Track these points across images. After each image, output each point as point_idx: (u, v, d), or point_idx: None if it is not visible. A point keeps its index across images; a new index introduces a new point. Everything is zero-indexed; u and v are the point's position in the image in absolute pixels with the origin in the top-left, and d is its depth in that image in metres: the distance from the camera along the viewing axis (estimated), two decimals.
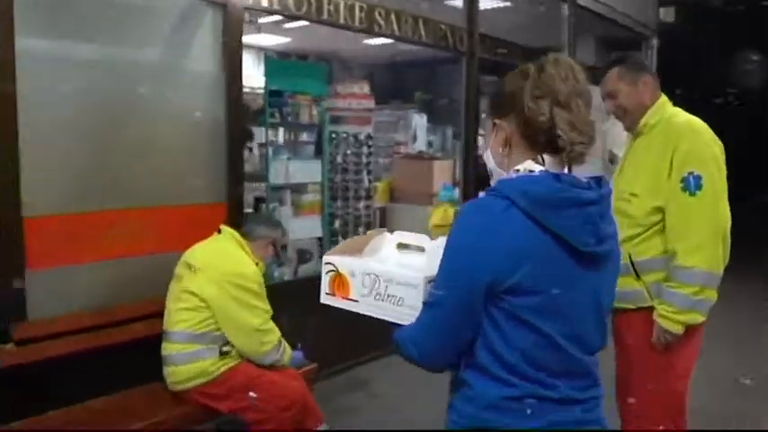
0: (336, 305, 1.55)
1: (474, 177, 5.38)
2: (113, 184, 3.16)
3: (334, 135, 4.58)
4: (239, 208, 3.62)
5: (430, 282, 1.36)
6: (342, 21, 4.10)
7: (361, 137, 4.66)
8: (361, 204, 4.72)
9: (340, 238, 4.60)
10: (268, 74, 4.17)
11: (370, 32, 4.37)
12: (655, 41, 9.37)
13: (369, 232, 1.67)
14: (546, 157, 1.32)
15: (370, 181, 4.74)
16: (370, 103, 4.72)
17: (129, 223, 3.18)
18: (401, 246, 1.58)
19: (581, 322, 1.31)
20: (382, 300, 1.44)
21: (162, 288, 3.09)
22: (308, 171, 4.49)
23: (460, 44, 5.12)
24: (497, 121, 1.38)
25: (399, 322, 1.40)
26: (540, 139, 1.31)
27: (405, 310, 1.40)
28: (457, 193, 5.12)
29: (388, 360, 4.47)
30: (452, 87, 5.38)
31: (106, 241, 3.11)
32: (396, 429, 3.51)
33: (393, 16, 4.44)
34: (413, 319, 1.37)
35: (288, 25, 6.83)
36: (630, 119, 2.45)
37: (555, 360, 1.28)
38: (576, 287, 1.29)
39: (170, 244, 3.25)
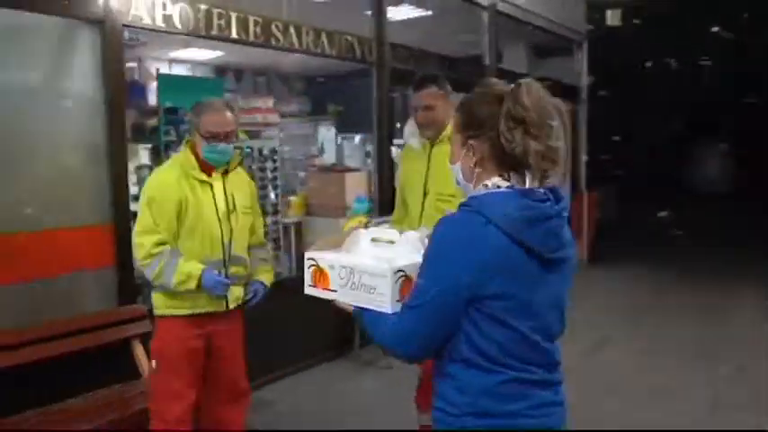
0: (319, 296, 1.77)
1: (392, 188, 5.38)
2: None
3: (237, 149, 4.53)
4: (128, 228, 3.54)
5: (398, 271, 1.57)
6: (234, 35, 4.06)
7: (266, 151, 4.63)
8: (269, 220, 4.67)
9: None
10: (161, 91, 4.10)
11: (267, 46, 4.32)
12: (585, 46, 9.54)
13: (344, 229, 2.13)
14: (512, 174, 1.47)
15: (277, 195, 4.70)
16: (275, 117, 4.70)
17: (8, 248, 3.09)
18: (375, 240, 1.76)
19: (546, 316, 1.49)
20: (357, 289, 1.65)
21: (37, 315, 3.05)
22: None
23: (369, 54, 5.12)
24: (471, 142, 1.49)
25: (372, 307, 1.61)
26: (509, 161, 1.45)
27: (376, 297, 1.61)
28: (369, 204, 5.10)
29: (296, 378, 4.48)
30: (366, 98, 5.35)
31: None
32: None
33: (292, 29, 4.41)
34: (385, 304, 1.58)
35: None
36: (436, 129, 2.95)
37: (527, 350, 1.45)
38: (542, 289, 1.47)
39: (44, 269, 3.19)
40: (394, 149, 5.38)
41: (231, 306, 2.77)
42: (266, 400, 4.17)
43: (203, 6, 3.86)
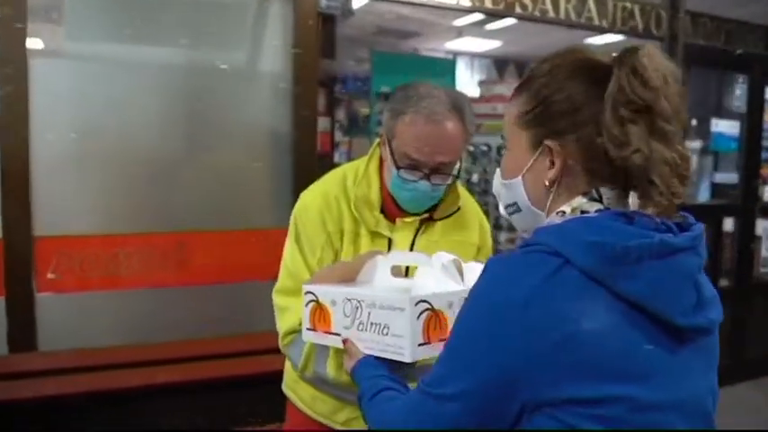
0: (318, 342, 1.32)
1: None
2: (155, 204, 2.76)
3: (471, 148, 3.69)
4: None
5: (419, 302, 1.12)
6: (465, 2, 3.22)
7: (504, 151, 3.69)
8: (503, 237, 3.74)
9: None
10: (375, 73, 3.44)
11: (510, 15, 3.40)
12: None
13: (359, 255, 1.41)
14: (604, 189, 0.91)
15: None
16: None
17: (170, 249, 2.75)
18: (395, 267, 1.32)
19: (680, 427, 0.87)
20: (366, 330, 1.19)
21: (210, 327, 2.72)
22: None
23: (657, 27, 3.85)
24: (550, 143, 0.93)
25: (387, 355, 1.16)
26: (612, 176, 0.90)
27: (389, 339, 1.15)
28: None
29: None
30: None
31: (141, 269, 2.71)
32: None
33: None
34: (404, 350, 1.13)
35: (489, 27, 6.14)
36: None
37: None
38: (671, 382, 0.85)
39: (221, 274, 2.82)
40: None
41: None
42: None
43: None
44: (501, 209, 1.06)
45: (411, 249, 1.56)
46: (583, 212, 0.93)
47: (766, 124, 4.58)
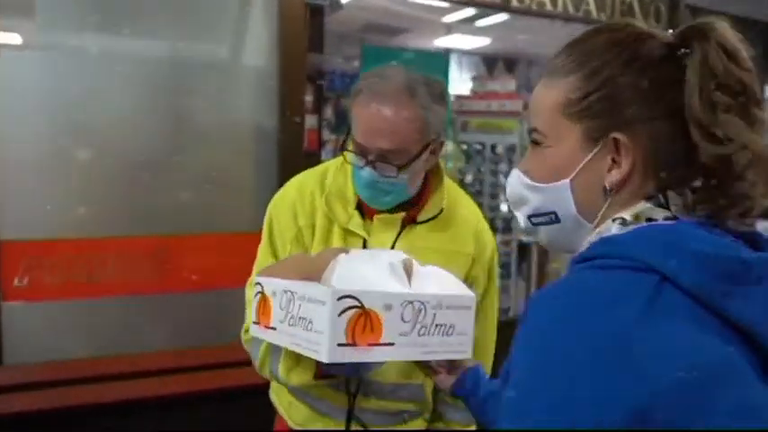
0: (263, 337, 1.21)
1: None
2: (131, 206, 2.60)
3: (464, 146, 3.55)
4: None
5: (344, 297, 0.98)
6: None
7: (499, 149, 3.54)
8: (498, 238, 3.61)
9: None
10: (365, 67, 3.30)
11: (507, 10, 3.30)
12: None
13: (322, 251, 1.27)
14: (671, 193, 0.76)
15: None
16: (517, 105, 3.58)
17: (148, 253, 2.60)
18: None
19: None
20: (295, 324, 1.08)
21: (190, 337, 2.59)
22: None
23: (656, 21, 3.76)
24: (617, 135, 0.75)
25: (308, 353, 1.05)
26: (684, 172, 0.75)
27: (311, 335, 1.03)
28: None
29: None
30: None
31: (116, 274, 2.56)
32: None
33: None
34: (321, 347, 1.00)
35: (479, 24, 6.04)
36: None
37: None
38: None
39: (202, 280, 2.68)
40: None
41: None
42: None
43: None
44: (521, 219, 0.88)
45: (392, 248, 1.40)
46: (649, 220, 0.76)
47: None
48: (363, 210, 1.41)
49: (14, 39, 2.41)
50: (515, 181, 0.87)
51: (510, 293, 3.72)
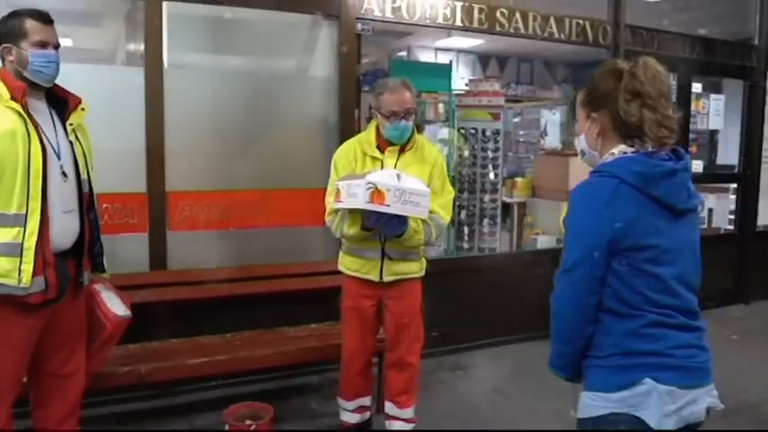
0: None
1: None
2: (243, 169, 3.91)
3: (462, 130, 4.88)
4: None
5: (368, 183, 2.53)
6: (458, 23, 4.39)
7: (488, 132, 4.88)
8: (487, 197, 4.93)
9: (465, 228, 4.90)
10: (393, 75, 4.60)
11: (491, 32, 4.56)
12: None
13: (364, 171, 2.86)
14: (635, 141, 1.62)
15: (496, 175, 4.93)
16: (500, 101, 4.92)
17: (253, 201, 3.90)
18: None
19: (684, 265, 1.63)
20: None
21: (282, 256, 3.85)
22: None
23: (604, 38, 5.01)
24: (593, 114, 1.68)
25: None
26: (630, 132, 1.61)
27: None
28: None
29: (495, 350, 4.67)
30: None
31: (236, 214, 3.86)
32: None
33: (517, 15, 4.58)
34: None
35: None
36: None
37: (667, 297, 1.58)
38: (676, 238, 1.61)
39: (290, 219, 3.96)
40: None
41: (386, 279, 3.02)
42: (464, 364, 4.50)
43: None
44: (579, 156, 1.80)
45: (395, 167, 2.96)
46: (624, 153, 1.61)
47: (693, 112, 5.80)
48: (380, 147, 2.98)
49: (175, 59, 3.69)
50: (576, 140, 1.83)
51: (495, 237, 5.07)
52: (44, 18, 2.37)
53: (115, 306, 2.62)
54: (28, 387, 2.57)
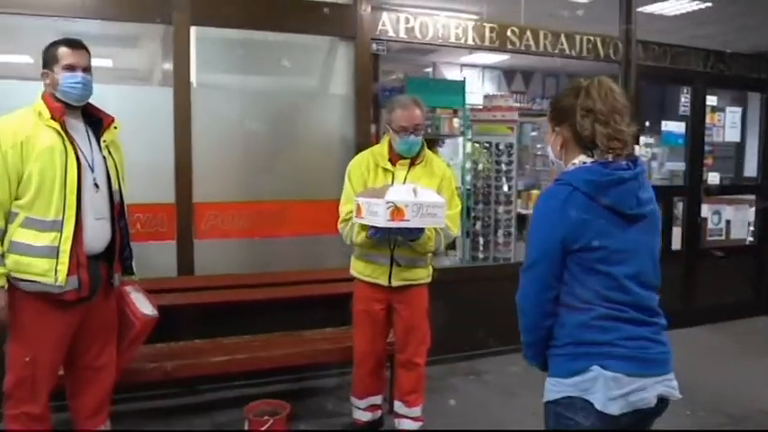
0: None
1: None
2: (265, 182, 4.16)
3: (476, 144, 5.07)
4: None
5: (388, 203, 2.72)
6: (470, 42, 4.59)
7: (502, 146, 5.06)
8: (501, 209, 5.10)
9: (480, 238, 5.08)
10: (409, 92, 4.81)
11: (502, 50, 4.75)
12: None
13: (383, 185, 3.05)
14: (594, 151, 1.79)
15: (510, 187, 5.09)
16: (514, 115, 5.09)
17: (275, 212, 4.15)
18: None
19: (639, 265, 1.76)
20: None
21: (301, 263, 4.11)
22: None
23: (615, 53, 5.16)
24: (556, 128, 1.86)
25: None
26: (587, 143, 1.78)
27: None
28: None
29: (509, 357, 4.79)
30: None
31: (258, 224, 4.10)
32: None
33: (528, 33, 4.77)
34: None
35: None
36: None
37: (619, 294, 1.73)
38: (628, 240, 1.74)
39: (308, 229, 4.18)
40: (637, 148, 5.33)
41: (394, 284, 3.21)
42: (476, 369, 4.66)
43: (441, 19, 4.49)
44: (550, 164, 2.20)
45: (405, 181, 3.16)
46: (583, 163, 1.77)
47: (708, 125, 5.88)
48: (392, 159, 3.18)
49: (202, 79, 3.98)
50: (548, 149, 1.96)
51: (510, 248, 5.23)
52: (73, 44, 2.65)
53: (144, 306, 2.87)
54: (65, 380, 2.85)
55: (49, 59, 2.64)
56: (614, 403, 1.68)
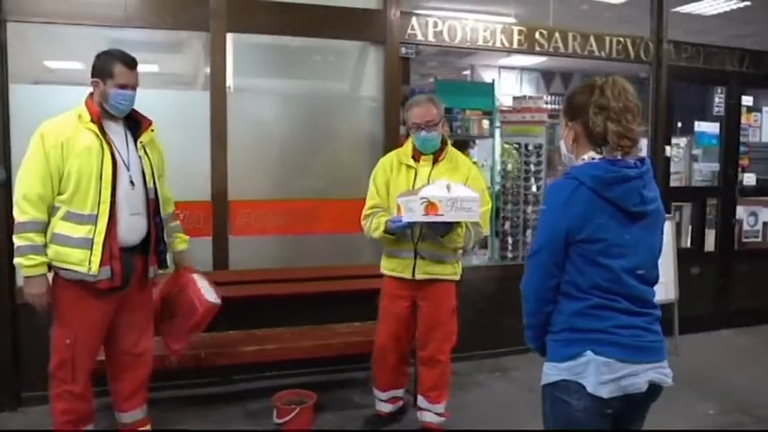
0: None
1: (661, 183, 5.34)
2: (297, 181, 4.33)
3: (506, 145, 5.14)
4: None
5: (422, 198, 2.87)
6: (498, 44, 4.67)
7: (530, 147, 5.12)
8: (530, 209, 5.16)
9: (509, 238, 5.15)
10: (438, 94, 4.90)
11: (531, 53, 4.82)
12: None
13: (417, 188, 3.12)
14: (604, 148, 1.86)
15: (539, 188, 5.14)
16: (543, 116, 5.14)
17: (306, 210, 4.31)
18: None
19: (637, 260, 1.84)
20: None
21: (331, 259, 4.27)
22: None
23: (646, 54, 5.16)
24: (570, 123, 1.93)
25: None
26: (598, 140, 1.85)
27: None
28: None
29: (535, 355, 4.81)
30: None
31: (290, 222, 4.28)
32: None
33: (557, 35, 4.82)
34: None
35: None
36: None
37: (616, 285, 1.82)
38: (630, 235, 1.82)
39: (339, 227, 4.32)
40: (668, 149, 5.34)
41: (418, 277, 3.31)
42: (502, 366, 4.75)
43: (470, 22, 4.59)
44: (561, 158, 2.09)
45: (429, 177, 3.25)
46: (592, 159, 1.84)
47: (743, 125, 5.81)
48: (415, 157, 3.26)
49: (238, 83, 4.17)
50: (561, 144, 2.05)
51: None
52: (129, 64, 2.86)
53: (209, 294, 3.12)
54: (105, 365, 3.06)
55: (103, 71, 2.83)
56: (605, 387, 1.78)
